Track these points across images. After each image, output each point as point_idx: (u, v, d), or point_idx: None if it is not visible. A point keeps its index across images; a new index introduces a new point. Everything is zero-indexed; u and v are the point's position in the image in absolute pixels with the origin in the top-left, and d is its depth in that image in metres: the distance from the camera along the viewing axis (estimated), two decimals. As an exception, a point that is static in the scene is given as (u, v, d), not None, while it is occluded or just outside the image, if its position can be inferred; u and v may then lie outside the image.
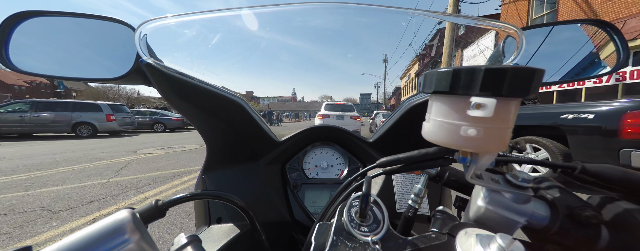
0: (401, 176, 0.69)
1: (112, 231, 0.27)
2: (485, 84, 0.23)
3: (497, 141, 0.26)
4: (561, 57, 0.62)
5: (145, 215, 0.33)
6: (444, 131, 0.28)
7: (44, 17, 0.52)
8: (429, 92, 0.29)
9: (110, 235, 0.27)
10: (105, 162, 4.98)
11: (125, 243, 0.27)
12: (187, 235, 0.33)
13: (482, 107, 0.23)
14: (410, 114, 0.68)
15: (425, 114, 0.31)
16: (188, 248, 0.31)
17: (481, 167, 0.30)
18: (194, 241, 0.32)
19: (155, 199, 0.35)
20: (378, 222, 0.31)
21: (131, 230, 0.28)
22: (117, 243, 0.27)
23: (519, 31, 0.48)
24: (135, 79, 0.54)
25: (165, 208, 0.35)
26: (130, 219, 0.29)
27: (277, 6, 0.50)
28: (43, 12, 0.51)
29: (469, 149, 0.28)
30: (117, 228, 0.28)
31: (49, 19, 0.52)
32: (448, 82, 0.26)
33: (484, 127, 0.25)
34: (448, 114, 0.27)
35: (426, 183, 0.45)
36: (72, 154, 5.82)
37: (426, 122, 0.31)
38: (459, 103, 0.26)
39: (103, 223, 0.28)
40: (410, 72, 44.39)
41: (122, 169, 4.39)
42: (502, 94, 0.23)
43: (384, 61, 44.73)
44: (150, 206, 0.34)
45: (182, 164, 4.87)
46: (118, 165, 4.69)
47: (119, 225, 0.28)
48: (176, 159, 5.38)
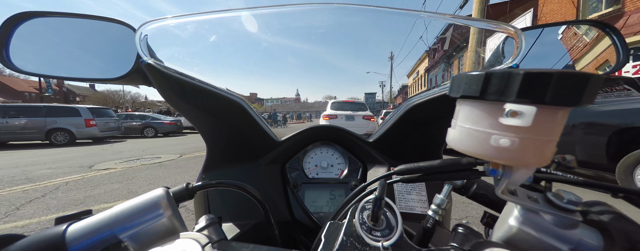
0: None
1: (150, 205, 0.31)
2: (524, 90, 0.21)
3: (536, 154, 0.23)
4: (561, 57, 0.63)
5: (177, 195, 0.36)
6: (472, 139, 0.25)
7: (44, 18, 0.52)
8: (456, 96, 0.27)
9: (149, 209, 0.30)
10: (30, 186, 3.61)
11: (159, 217, 0.30)
12: (209, 217, 0.34)
13: (518, 115, 0.21)
14: (411, 114, 0.67)
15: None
16: (210, 228, 0.32)
17: (515, 182, 0.27)
18: (215, 224, 0.34)
19: (186, 183, 0.38)
20: (391, 228, 0.29)
21: (165, 206, 0.31)
22: (153, 216, 0.30)
23: (518, 32, 0.49)
24: (135, 79, 0.55)
25: (194, 191, 0.38)
26: (165, 196, 0.32)
27: (280, 7, 0.50)
28: (44, 13, 0.52)
29: (501, 160, 0.25)
30: (154, 203, 0.31)
31: (50, 19, 0.53)
32: (479, 86, 0.23)
33: (519, 137, 0.22)
34: (477, 121, 0.25)
35: (449, 193, 0.40)
36: (5, 173, 4.52)
37: (452, 128, 0.29)
38: (490, 109, 0.24)
39: (144, 197, 0.32)
40: (418, 68, 42.42)
41: (33, 201, 2.98)
42: (544, 101, 0.20)
43: (389, 59, 43.72)
44: (182, 188, 0.37)
45: (131, 189, 3.45)
46: (37, 192, 3.31)
47: (156, 200, 0.31)
48: (130, 180, 3.96)
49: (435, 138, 0.73)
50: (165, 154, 6.49)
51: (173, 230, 0.31)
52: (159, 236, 0.30)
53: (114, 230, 0.28)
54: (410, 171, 0.36)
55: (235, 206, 0.67)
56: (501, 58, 0.59)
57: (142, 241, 0.29)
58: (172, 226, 0.31)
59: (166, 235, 0.30)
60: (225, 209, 0.67)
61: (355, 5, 0.53)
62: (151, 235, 0.29)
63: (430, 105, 0.62)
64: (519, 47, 0.50)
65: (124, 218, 0.29)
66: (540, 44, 0.63)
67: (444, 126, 0.74)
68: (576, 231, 0.28)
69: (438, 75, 30.23)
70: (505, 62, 0.56)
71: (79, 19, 0.54)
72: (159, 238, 0.30)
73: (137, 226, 0.29)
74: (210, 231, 0.32)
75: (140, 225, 0.29)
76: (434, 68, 32.04)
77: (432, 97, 0.61)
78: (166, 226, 0.30)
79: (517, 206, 0.30)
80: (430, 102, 0.62)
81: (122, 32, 0.53)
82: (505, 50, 0.58)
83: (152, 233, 0.29)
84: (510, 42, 0.53)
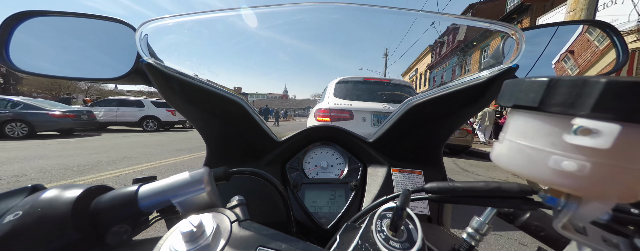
0: (401, 175, 0.68)
1: (196, 179, 0.35)
2: (604, 103, 0.17)
3: (616, 185, 0.18)
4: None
5: (217, 175, 0.40)
6: (526, 158, 0.22)
7: (44, 17, 0.52)
8: (508, 105, 0.24)
9: (194, 183, 0.35)
10: None
11: (200, 191, 0.35)
12: (239, 197, 0.38)
13: (593, 133, 0.17)
14: (411, 114, 0.67)
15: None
16: (238, 207, 0.36)
17: (584, 217, 0.22)
18: (243, 205, 0.37)
19: (224, 166, 0.42)
20: (411, 242, 0.27)
21: (207, 182, 0.35)
22: (196, 190, 0.34)
23: (518, 32, 0.48)
24: (135, 79, 0.55)
25: (230, 175, 0.42)
26: (207, 174, 0.37)
27: (280, 6, 0.51)
28: (44, 12, 0.52)
29: (564, 188, 0.21)
30: (199, 178, 0.35)
31: (50, 18, 0.53)
32: (539, 94, 0.20)
33: (592, 161, 0.18)
34: (534, 137, 0.21)
35: (492, 218, 0.35)
36: None
37: (499, 143, 0.26)
38: (552, 124, 0.20)
39: (192, 173, 0.36)
40: (417, 66, 40.99)
41: None
42: (634, 119, 0.16)
43: (384, 56, 42.47)
44: (221, 170, 0.41)
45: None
46: None
47: (200, 176, 0.35)
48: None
49: (435, 138, 0.73)
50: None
51: (211, 204, 0.36)
52: (200, 206, 0.35)
53: (169, 195, 0.34)
54: (443, 191, 0.33)
55: (252, 202, 0.68)
56: (501, 58, 0.59)
57: (187, 207, 0.34)
58: (210, 200, 0.35)
59: (205, 206, 0.35)
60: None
61: (355, 5, 0.53)
62: (194, 204, 0.35)
63: (431, 105, 0.62)
64: (519, 47, 0.49)
65: (176, 187, 0.34)
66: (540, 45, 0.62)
67: (444, 125, 0.75)
68: None
69: (446, 72, 27.55)
70: (505, 62, 0.56)
71: (79, 19, 0.54)
72: (200, 207, 0.35)
73: (184, 195, 0.34)
74: (238, 210, 0.35)
75: (186, 195, 0.34)
76: (440, 65, 28.96)
77: (433, 96, 0.61)
78: (205, 199, 0.35)
79: (586, 249, 0.25)
80: (431, 102, 0.62)
81: (122, 31, 0.53)
82: (505, 50, 0.58)
83: (195, 202, 0.35)
84: (510, 42, 0.53)
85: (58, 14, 0.53)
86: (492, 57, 0.63)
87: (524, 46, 0.49)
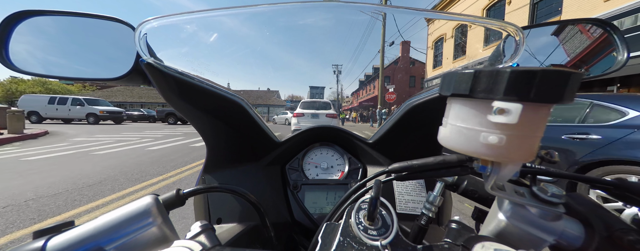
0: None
1: (139, 213, 0.30)
2: (510, 88, 0.21)
3: (522, 150, 0.24)
4: (561, 57, 0.62)
5: (167, 202, 0.35)
6: (462, 137, 0.26)
7: (43, 16, 0.52)
8: (447, 94, 0.27)
9: (137, 217, 0.29)
10: None
11: (149, 226, 0.29)
12: (202, 223, 0.33)
13: (506, 112, 0.22)
14: (411, 115, 0.67)
15: (442, 118, 0.30)
16: (202, 235, 0.31)
17: (503, 178, 0.28)
18: (208, 230, 0.32)
19: (177, 189, 0.37)
20: (387, 226, 0.29)
21: (155, 214, 0.30)
22: (142, 225, 0.29)
23: (518, 30, 0.48)
24: (135, 79, 0.54)
25: (185, 198, 0.37)
26: (154, 204, 0.31)
27: (280, 5, 0.50)
28: (43, 12, 0.51)
29: (490, 157, 0.26)
30: (143, 211, 0.30)
31: (49, 18, 0.52)
32: (468, 84, 0.24)
33: (506, 134, 0.23)
34: (467, 119, 0.26)
35: (442, 190, 0.43)
36: None
37: (443, 127, 0.30)
38: (479, 107, 0.24)
39: (131, 206, 0.31)
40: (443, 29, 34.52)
41: None
42: (529, 98, 0.21)
43: (335, 72, 40.92)
44: (172, 195, 0.36)
45: None
46: None
47: (145, 209, 0.30)
48: None
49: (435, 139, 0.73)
50: None
51: (164, 239, 0.30)
52: (149, 246, 0.29)
53: (100, 241, 0.26)
54: (404, 170, 0.36)
55: (235, 207, 0.67)
56: (501, 57, 0.58)
57: (132, 250, 0.28)
58: (162, 234, 0.30)
59: (157, 244, 0.29)
60: (226, 210, 0.66)
61: (355, 5, 0.52)
62: (141, 244, 0.28)
63: (430, 105, 0.61)
64: (518, 46, 0.49)
65: (110, 229, 0.27)
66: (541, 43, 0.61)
67: None
68: (560, 222, 0.29)
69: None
70: (505, 61, 0.55)
71: (78, 18, 0.53)
72: (149, 247, 0.29)
73: (125, 236, 0.28)
74: (204, 237, 0.31)
75: (128, 234, 0.28)
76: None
77: (432, 97, 0.60)
78: (156, 235, 0.30)
79: (505, 201, 0.31)
80: (429, 102, 0.61)
81: (121, 30, 0.52)
82: (505, 49, 0.57)
83: (142, 242, 0.29)
84: (511, 40, 0.52)
85: (57, 13, 0.52)
86: (492, 57, 0.62)
87: (523, 45, 0.49)
